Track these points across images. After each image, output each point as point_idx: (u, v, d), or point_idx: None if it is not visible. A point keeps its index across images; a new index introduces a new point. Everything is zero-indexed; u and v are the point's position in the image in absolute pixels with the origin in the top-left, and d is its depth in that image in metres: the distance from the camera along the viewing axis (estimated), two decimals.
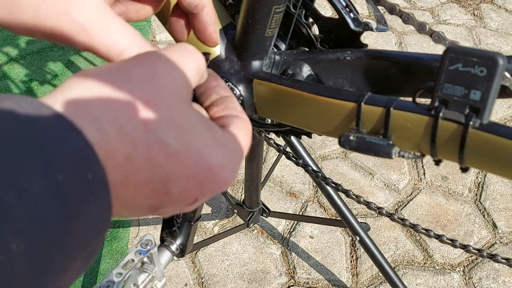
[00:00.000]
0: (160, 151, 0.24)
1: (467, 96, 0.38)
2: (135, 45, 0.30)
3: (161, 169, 0.24)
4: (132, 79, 0.25)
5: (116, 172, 0.23)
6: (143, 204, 0.26)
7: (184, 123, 0.25)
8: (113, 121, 0.23)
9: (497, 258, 0.49)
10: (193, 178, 0.26)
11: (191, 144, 0.25)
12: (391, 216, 0.54)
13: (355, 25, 0.47)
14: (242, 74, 0.48)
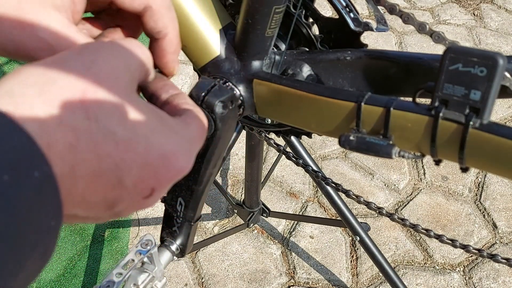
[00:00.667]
0: (104, 139, 0.23)
1: (467, 96, 0.38)
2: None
3: (108, 158, 0.23)
4: (70, 68, 0.24)
5: (62, 165, 0.22)
6: (97, 200, 0.25)
7: (129, 110, 0.25)
8: (51, 112, 0.22)
9: (497, 258, 0.49)
10: (146, 167, 0.25)
11: (139, 131, 0.24)
12: (391, 216, 0.54)
13: (355, 25, 0.47)
14: (242, 74, 0.48)
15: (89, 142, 0.23)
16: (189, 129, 0.28)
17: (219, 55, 0.49)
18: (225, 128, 0.46)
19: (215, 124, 0.45)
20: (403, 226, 0.55)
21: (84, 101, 0.23)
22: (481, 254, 0.50)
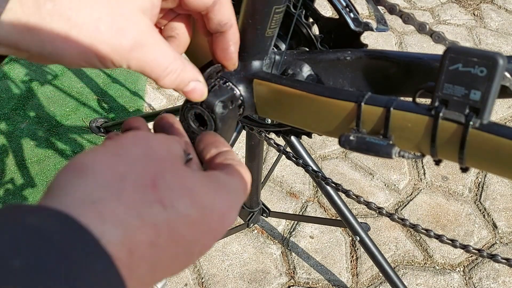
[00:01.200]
0: (181, 224, 0.24)
1: (467, 96, 0.38)
2: (179, 60, 0.32)
3: (183, 240, 0.24)
4: (133, 161, 0.25)
5: (142, 266, 0.23)
6: (167, 275, 0.25)
7: (190, 184, 0.26)
8: (131, 214, 0.22)
9: (497, 258, 0.49)
10: (210, 232, 0.26)
11: (203, 203, 0.26)
12: (391, 216, 0.54)
13: (355, 25, 0.47)
14: (242, 74, 0.48)
15: (168, 233, 0.24)
16: (238, 180, 0.30)
17: None
18: (225, 128, 0.46)
19: (215, 124, 0.45)
20: (403, 226, 0.56)
21: (157, 191, 0.24)
22: (481, 254, 0.50)
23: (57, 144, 1.52)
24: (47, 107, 1.63)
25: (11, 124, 1.57)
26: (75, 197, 0.22)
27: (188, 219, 0.24)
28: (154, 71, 0.32)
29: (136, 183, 0.24)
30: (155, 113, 1.32)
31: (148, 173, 0.24)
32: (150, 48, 0.31)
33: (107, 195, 0.22)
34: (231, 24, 0.36)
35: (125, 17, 0.30)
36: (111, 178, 0.23)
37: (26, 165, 1.45)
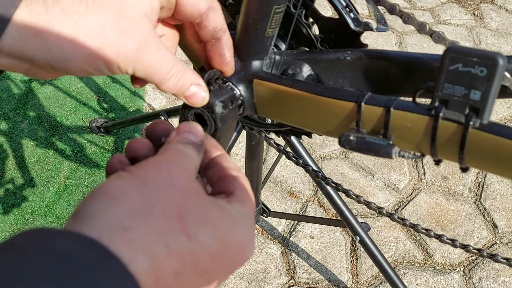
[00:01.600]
0: (204, 256, 0.25)
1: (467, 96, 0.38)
2: (179, 63, 0.33)
3: (205, 272, 0.25)
4: (159, 190, 0.25)
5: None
6: None
7: (213, 217, 0.27)
8: (159, 241, 0.23)
9: (497, 258, 0.49)
10: (230, 265, 0.27)
11: (224, 236, 0.27)
12: (391, 216, 0.54)
13: (355, 25, 0.47)
14: (242, 74, 0.48)
15: (192, 263, 0.25)
16: (247, 208, 0.30)
17: None
18: (225, 128, 0.46)
19: (215, 124, 0.45)
20: (403, 226, 0.56)
21: (183, 222, 0.25)
22: (481, 254, 0.50)
23: (57, 144, 1.52)
24: (47, 107, 1.63)
25: (11, 124, 1.57)
26: (105, 224, 0.23)
27: (211, 251, 0.25)
28: (158, 74, 0.32)
29: (164, 213, 0.24)
30: (155, 113, 1.32)
31: (173, 203, 0.25)
32: (153, 50, 0.31)
33: (137, 223, 0.23)
34: (225, 29, 0.37)
35: (130, 21, 0.30)
36: (141, 207, 0.24)
37: (26, 165, 1.46)
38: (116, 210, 0.23)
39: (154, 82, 0.33)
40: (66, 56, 0.29)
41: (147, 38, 0.31)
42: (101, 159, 1.49)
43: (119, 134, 1.56)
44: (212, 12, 0.35)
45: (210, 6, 0.35)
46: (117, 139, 1.55)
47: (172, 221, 0.24)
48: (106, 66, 0.30)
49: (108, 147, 1.52)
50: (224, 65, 0.39)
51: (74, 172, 1.45)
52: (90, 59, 0.29)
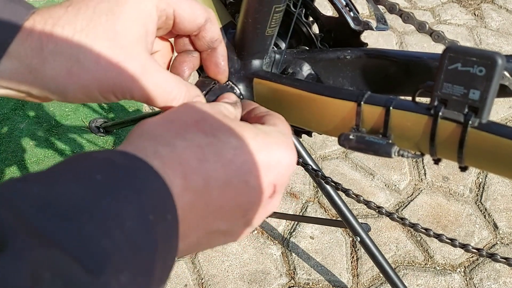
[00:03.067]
0: (224, 148, 0.28)
1: (466, 95, 0.38)
2: (181, 83, 0.34)
3: (231, 164, 0.28)
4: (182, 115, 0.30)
5: (195, 179, 0.27)
6: (231, 207, 0.29)
7: (232, 124, 0.30)
8: (177, 137, 0.27)
9: (496, 257, 0.49)
10: (266, 167, 0.29)
11: (249, 140, 0.30)
12: (391, 216, 0.54)
13: (355, 24, 0.47)
14: (242, 73, 0.48)
15: (213, 153, 0.27)
16: (280, 128, 0.33)
17: None
18: None
19: None
20: (403, 225, 0.56)
21: (200, 127, 0.29)
22: (480, 254, 0.50)
23: (56, 144, 1.52)
24: (47, 107, 1.63)
25: (10, 124, 1.57)
26: (136, 145, 0.28)
27: (230, 145, 0.28)
28: (159, 98, 0.33)
29: (180, 124, 0.28)
30: (154, 113, 1.32)
31: (191, 117, 0.29)
32: (150, 77, 0.32)
33: (160, 134, 0.28)
34: (221, 40, 0.38)
35: (125, 50, 0.31)
36: (163, 128, 0.28)
37: (25, 165, 1.46)
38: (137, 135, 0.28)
39: (157, 106, 0.33)
40: (61, 89, 0.30)
41: (144, 65, 0.31)
42: None
43: (118, 134, 1.56)
44: (209, 24, 0.36)
45: (208, 18, 0.36)
46: (117, 139, 1.55)
47: (188, 126, 0.28)
48: (102, 96, 0.31)
49: (107, 147, 1.52)
50: (219, 74, 0.40)
51: None
52: (85, 91, 0.31)
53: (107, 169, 0.24)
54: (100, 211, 0.22)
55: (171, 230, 0.25)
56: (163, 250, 0.24)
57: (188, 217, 0.27)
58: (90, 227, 0.21)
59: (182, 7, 0.34)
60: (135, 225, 0.22)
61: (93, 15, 0.30)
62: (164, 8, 0.33)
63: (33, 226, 0.20)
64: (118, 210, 0.22)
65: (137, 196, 0.24)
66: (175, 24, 0.35)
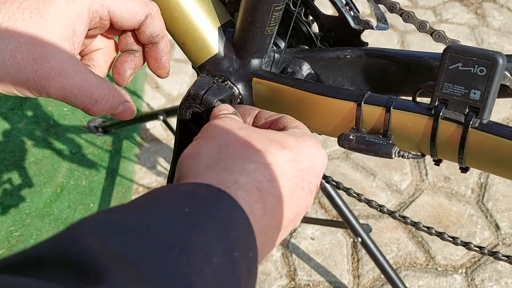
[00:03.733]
0: (283, 162, 0.30)
1: (467, 95, 0.38)
2: (105, 86, 0.34)
3: (289, 176, 0.30)
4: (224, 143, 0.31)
5: (269, 200, 0.28)
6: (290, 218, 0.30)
7: (273, 136, 0.32)
8: (246, 162, 0.29)
9: (498, 255, 0.49)
10: (309, 171, 0.32)
11: (290, 145, 0.32)
12: (392, 214, 0.54)
13: (355, 23, 0.47)
14: (241, 72, 0.48)
15: (276, 170, 0.29)
16: (303, 130, 0.35)
17: (218, 53, 0.48)
18: None
19: None
20: (404, 224, 0.55)
21: (256, 147, 0.30)
22: (482, 252, 0.49)
23: (55, 144, 1.51)
24: (45, 107, 1.63)
25: (8, 124, 1.56)
26: (211, 176, 0.28)
27: (285, 159, 0.30)
28: (78, 99, 0.33)
29: (238, 147, 0.30)
30: (153, 113, 1.31)
31: (242, 139, 0.30)
32: (70, 77, 0.32)
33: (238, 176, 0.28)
34: (163, 35, 0.38)
35: (44, 48, 0.31)
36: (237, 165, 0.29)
37: (23, 165, 1.45)
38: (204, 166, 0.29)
39: (77, 107, 0.34)
40: None
41: (62, 65, 0.31)
42: (99, 159, 1.48)
43: (117, 134, 1.56)
44: (150, 19, 0.37)
45: (148, 13, 0.36)
46: (115, 139, 1.55)
47: (247, 147, 0.30)
48: (17, 91, 0.31)
49: (106, 147, 1.52)
50: (158, 69, 0.40)
51: (72, 172, 1.44)
52: (1, 84, 0.31)
53: (193, 202, 0.25)
54: (190, 245, 0.22)
55: (252, 268, 0.25)
56: (244, 284, 0.24)
57: (263, 241, 0.28)
58: (181, 262, 0.21)
59: (118, 6, 0.35)
60: (222, 262, 0.23)
61: (17, 10, 0.30)
62: (97, 10, 0.34)
63: (127, 260, 0.20)
64: (206, 246, 0.23)
65: (224, 231, 0.24)
66: (113, 23, 0.35)
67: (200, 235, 0.23)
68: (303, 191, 0.31)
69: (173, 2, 0.46)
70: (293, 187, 0.30)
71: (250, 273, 0.25)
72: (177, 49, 1.86)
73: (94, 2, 0.34)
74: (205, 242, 0.23)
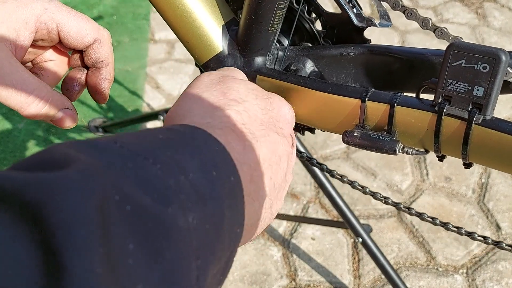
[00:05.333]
0: (255, 109, 0.32)
1: (470, 92, 0.38)
2: (43, 89, 0.34)
3: (261, 121, 0.32)
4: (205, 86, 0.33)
5: (242, 139, 0.29)
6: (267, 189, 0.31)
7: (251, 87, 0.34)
8: (219, 108, 0.30)
9: (502, 245, 0.50)
10: (277, 119, 0.34)
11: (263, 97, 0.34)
12: (397, 206, 0.54)
13: (358, 20, 0.47)
14: (245, 70, 0.48)
15: (248, 115, 0.31)
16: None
17: (221, 51, 0.48)
18: None
19: None
20: (409, 215, 0.56)
21: (231, 96, 0.32)
22: (486, 241, 0.50)
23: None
24: None
25: (9, 124, 1.56)
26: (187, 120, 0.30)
27: (258, 106, 0.32)
28: (13, 99, 0.33)
29: (214, 99, 0.31)
30: (154, 113, 1.32)
31: (221, 91, 0.32)
32: (6, 74, 0.32)
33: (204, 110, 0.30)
34: (108, 63, 0.39)
35: None
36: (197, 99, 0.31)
37: None
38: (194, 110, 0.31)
39: (13, 108, 0.34)
40: None
41: (0, 64, 0.32)
42: None
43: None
44: (98, 44, 0.37)
45: (97, 38, 0.37)
46: None
47: (219, 97, 0.31)
48: None
49: None
50: (96, 94, 0.40)
51: None
52: None
53: (168, 132, 0.26)
54: (164, 158, 0.23)
55: (236, 190, 0.25)
56: (229, 208, 0.24)
57: (250, 175, 0.28)
58: (155, 169, 0.22)
59: (68, 24, 0.35)
60: (198, 176, 0.23)
61: None
62: (46, 22, 0.34)
63: (96, 162, 0.20)
64: (180, 161, 0.23)
65: (200, 153, 0.25)
66: (60, 39, 0.36)
67: (174, 153, 0.24)
68: (278, 135, 0.32)
69: (177, 1, 0.46)
70: (266, 130, 0.31)
71: (235, 197, 0.25)
72: (177, 49, 1.86)
73: (45, 13, 0.34)
74: (179, 158, 0.23)
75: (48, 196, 0.17)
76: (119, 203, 0.19)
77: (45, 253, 0.16)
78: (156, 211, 0.20)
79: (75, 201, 0.17)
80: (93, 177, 0.19)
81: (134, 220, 0.19)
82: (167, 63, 1.82)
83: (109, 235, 0.17)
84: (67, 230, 0.16)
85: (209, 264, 0.22)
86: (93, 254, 0.17)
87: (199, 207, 0.22)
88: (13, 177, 0.17)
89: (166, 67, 1.81)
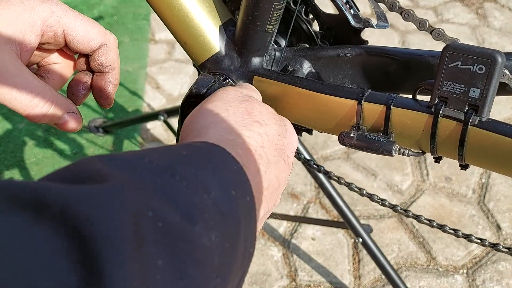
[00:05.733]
0: (274, 134, 0.33)
1: (466, 93, 0.38)
2: (48, 93, 0.34)
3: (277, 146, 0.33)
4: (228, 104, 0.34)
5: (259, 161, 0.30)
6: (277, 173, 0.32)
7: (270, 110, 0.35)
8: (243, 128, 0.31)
9: (499, 247, 0.49)
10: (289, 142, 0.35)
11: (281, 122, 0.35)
12: (394, 208, 0.54)
13: (356, 21, 0.47)
14: (242, 70, 0.48)
15: (268, 139, 0.32)
16: None
17: (219, 51, 0.48)
18: None
19: None
20: (406, 217, 0.56)
21: (253, 116, 0.33)
22: (483, 244, 0.50)
23: (55, 145, 1.52)
24: None
25: (9, 124, 1.57)
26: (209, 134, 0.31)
27: (276, 131, 0.33)
28: (18, 102, 0.33)
29: (238, 115, 0.32)
30: (154, 113, 1.32)
31: (240, 107, 0.33)
32: (11, 77, 0.32)
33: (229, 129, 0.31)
34: (114, 67, 0.39)
35: None
36: (230, 122, 0.32)
37: (24, 166, 1.45)
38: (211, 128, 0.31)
39: (17, 110, 0.34)
40: None
41: (5, 64, 0.32)
42: None
43: (118, 134, 1.56)
44: (104, 49, 0.37)
45: (103, 43, 0.37)
46: (116, 140, 1.55)
47: (244, 116, 0.32)
48: None
49: (107, 147, 1.52)
50: (101, 99, 0.40)
51: None
52: None
53: (191, 148, 0.27)
54: (189, 175, 0.23)
55: (251, 210, 0.26)
56: (245, 227, 0.25)
57: (260, 199, 0.29)
58: (182, 186, 0.23)
59: (75, 28, 0.35)
60: (219, 194, 0.24)
61: None
62: (52, 25, 0.34)
63: (128, 177, 0.21)
64: (203, 179, 0.24)
65: (219, 172, 0.25)
66: (67, 43, 0.36)
67: (197, 171, 0.24)
68: (284, 163, 0.33)
69: (174, 1, 0.46)
70: (278, 157, 0.32)
71: (249, 217, 0.26)
72: (177, 50, 1.87)
73: (52, 17, 0.34)
74: (202, 176, 0.24)
75: (90, 210, 0.18)
76: (152, 219, 0.19)
77: (84, 267, 0.17)
78: (184, 229, 0.20)
79: (116, 216, 0.18)
80: (130, 193, 0.19)
81: (164, 237, 0.20)
82: (168, 63, 1.83)
83: (143, 250, 0.18)
84: (109, 245, 0.17)
85: (225, 282, 0.23)
86: (131, 269, 0.17)
87: (220, 225, 0.23)
88: (53, 189, 0.18)
89: (166, 67, 1.81)
